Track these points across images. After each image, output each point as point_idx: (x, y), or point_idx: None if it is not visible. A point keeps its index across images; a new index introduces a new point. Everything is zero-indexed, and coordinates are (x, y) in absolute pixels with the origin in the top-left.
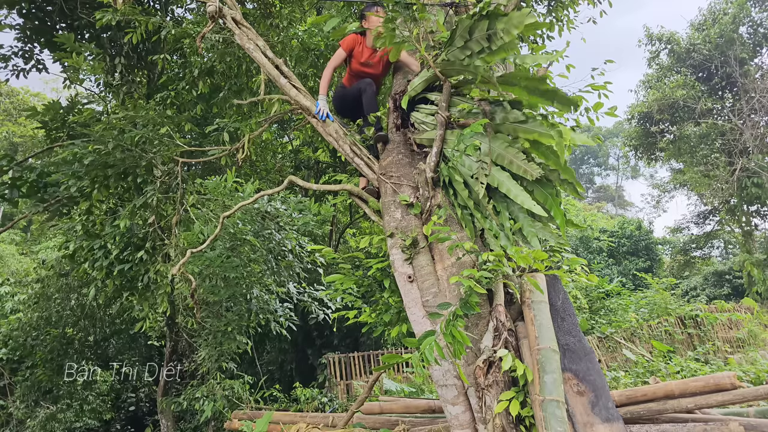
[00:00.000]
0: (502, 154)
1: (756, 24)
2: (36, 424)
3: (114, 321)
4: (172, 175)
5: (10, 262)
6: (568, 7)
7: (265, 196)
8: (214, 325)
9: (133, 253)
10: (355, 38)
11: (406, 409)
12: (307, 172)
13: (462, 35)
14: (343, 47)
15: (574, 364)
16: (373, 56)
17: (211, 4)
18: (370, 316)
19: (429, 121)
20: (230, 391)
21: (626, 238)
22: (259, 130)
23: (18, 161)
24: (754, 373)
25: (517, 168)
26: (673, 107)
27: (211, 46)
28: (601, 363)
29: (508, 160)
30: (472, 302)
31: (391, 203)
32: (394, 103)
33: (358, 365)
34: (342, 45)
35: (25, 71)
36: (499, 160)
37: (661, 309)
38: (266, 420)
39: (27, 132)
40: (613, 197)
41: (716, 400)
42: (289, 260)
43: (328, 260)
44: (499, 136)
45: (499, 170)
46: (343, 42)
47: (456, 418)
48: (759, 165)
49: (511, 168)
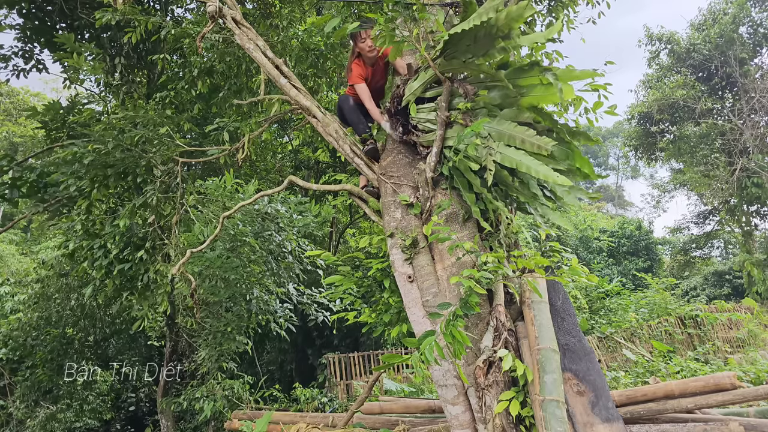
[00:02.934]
0: (513, 135)
1: (756, 24)
2: (36, 424)
3: (114, 321)
4: (171, 175)
5: (10, 262)
6: (567, 7)
7: (265, 196)
8: (214, 326)
9: (133, 253)
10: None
11: (406, 409)
12: (307, 172)
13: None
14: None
15: (574, 364)
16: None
17: (211, 4)
18: (370, 317)
19: (432, 118)
20: (230, 391)
21: (626, 238)
22: (259, 130)
23: (18, 161)
24: (754, 373)
25: (530, 146)
26: (673, 107)
27: (211, 46)
28: (601, 363)
29: (520, 139)
30: (472, 302)
31: (391, 203)
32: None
33: (358, 365)
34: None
35: (25, 71)
36: (510, 142)
37: (661, 309)
38: (266, 420)
39: (27, 132)
40: (613, 197)
41: (716, 400)
42: (289, 261)
43: (328, 263)
44: (505, 115)
45: (514, 150)
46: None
47: (456, 418)
48: (759, 165)
49: (524, 147)
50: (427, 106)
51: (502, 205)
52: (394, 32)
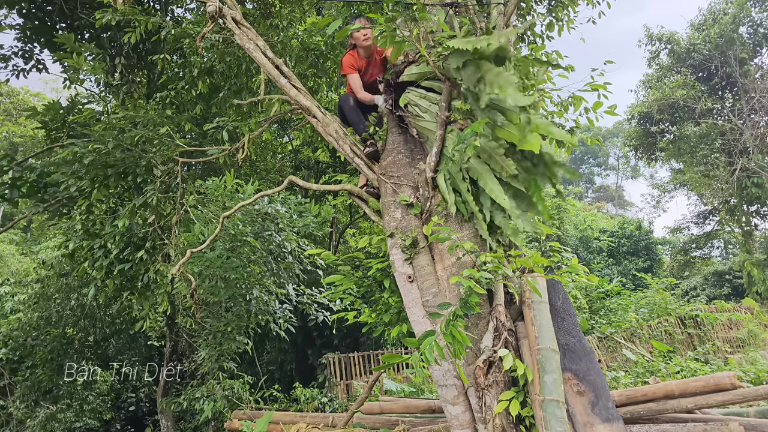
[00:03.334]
0: (484, 148)
1: (756, 24)
2: (36, 424)
3: (114, 321)
4: (171, 174)
5: (10, 262)
6: (567, 7)
7: (265, 196)
8: (214, 326)
9: (133, 253)
10: (352, 56)
11: (406, 409)
12: (307, 172)
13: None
14: (352, 70)
15: (574, 364)
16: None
17: (211, 4)
18: (370, 317)
19: (422, 104)
20: (230, 391)
21: (626, 238)
22: (259, 130)
23: (18, 161)
24: (754, 373)
25: (495, 163)
26: (673, 107)
27: (211, 46)
28: (601, 363)
29: (488, 154)
30: (472, 302)
31: (391, 203)
32: (387, 86)
33: (358, 365)
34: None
35: (25, 71)
36: (480, 153)
37: (661, 309)
38: (266, 420)
39: (27, 132)
40: (613, 197)
41: (716, 400)
42: (289, 261)
43: (327, 263)
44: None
45: (481, 163)
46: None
47: (456, 418)
48: (759, 165)
49: (490, 163)
50: (420, 92)
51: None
52: (395, 32)
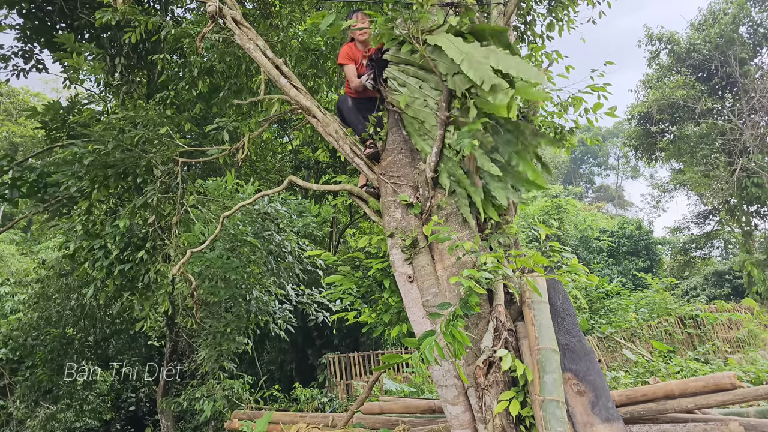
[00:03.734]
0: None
1: (756, 24)
2: (36, 424)
3: (114, 321)
4: (171, 175)
5: (10, 262)
6: (567, 7)
7: (265, 197)
8: (214, 326)
9: (134, 253)
10: (349, 47)
11: (406, 409)
12: (307, 172)
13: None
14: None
15: (574, 364)
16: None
17: (211, 4)
18: (370, 317)
19: (400, 77)
20: (230, 391)
21: (626, 238)
22: (259, 130)
23: (18, 161)
24: (754, 373)
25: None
26: (673, 107)
27: (211, 46)
28: (601, 363)
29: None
30: (472, 302)
31: (391, 203)
32: (370, 62)
33: (358, 365)
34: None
35: (25, 71)
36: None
37: (661, 309)
38: (266, 420)
39: (27, 132)
40: (613, 197)
41: (716, 400)
42: (289, 261)
43: (327, 263)
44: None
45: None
46: (342, 58)
47: (456, 418)
48: (759, 165)
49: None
50: (400, 67)
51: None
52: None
